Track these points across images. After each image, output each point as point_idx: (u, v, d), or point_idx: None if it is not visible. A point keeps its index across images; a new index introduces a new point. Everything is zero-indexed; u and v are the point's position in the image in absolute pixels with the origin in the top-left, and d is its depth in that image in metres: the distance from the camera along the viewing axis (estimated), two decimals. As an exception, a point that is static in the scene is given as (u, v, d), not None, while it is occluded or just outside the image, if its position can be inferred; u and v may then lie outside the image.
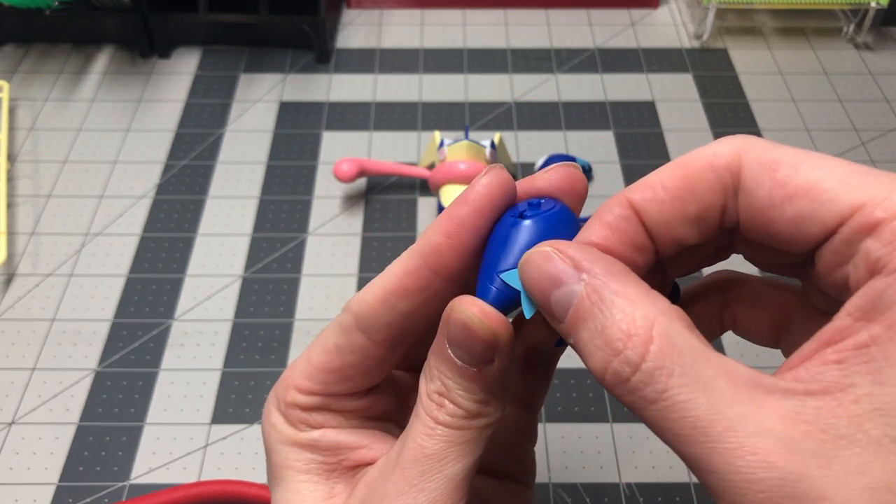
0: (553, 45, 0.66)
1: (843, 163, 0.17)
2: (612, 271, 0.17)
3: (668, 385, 0.16)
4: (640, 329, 0.16)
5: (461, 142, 0.50)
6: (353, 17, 0.69)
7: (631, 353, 0.16)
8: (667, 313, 0.16)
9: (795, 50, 0.66)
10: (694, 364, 0.16)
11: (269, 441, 0.22)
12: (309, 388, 0.22)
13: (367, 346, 0.21)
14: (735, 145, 0.18)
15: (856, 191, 0.16)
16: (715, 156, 0.18)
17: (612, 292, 0.17)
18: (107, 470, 0.41)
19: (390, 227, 0.52)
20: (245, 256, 0.50)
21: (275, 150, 0.57)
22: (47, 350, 0.46)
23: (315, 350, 0.22)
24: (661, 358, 0.16)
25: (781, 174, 0.17)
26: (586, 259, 0.18)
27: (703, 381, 0.15)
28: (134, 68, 0.64)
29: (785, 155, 0.18)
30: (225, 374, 0.45)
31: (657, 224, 0.19)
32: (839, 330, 0.16)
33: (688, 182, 0.19)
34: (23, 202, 0.54)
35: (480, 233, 0.20)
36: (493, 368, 0.19)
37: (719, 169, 0.18)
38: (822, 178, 0.17)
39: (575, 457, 0.41)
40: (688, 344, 0.16)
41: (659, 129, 0.59)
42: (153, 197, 0.54)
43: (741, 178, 0.18)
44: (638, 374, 0.16)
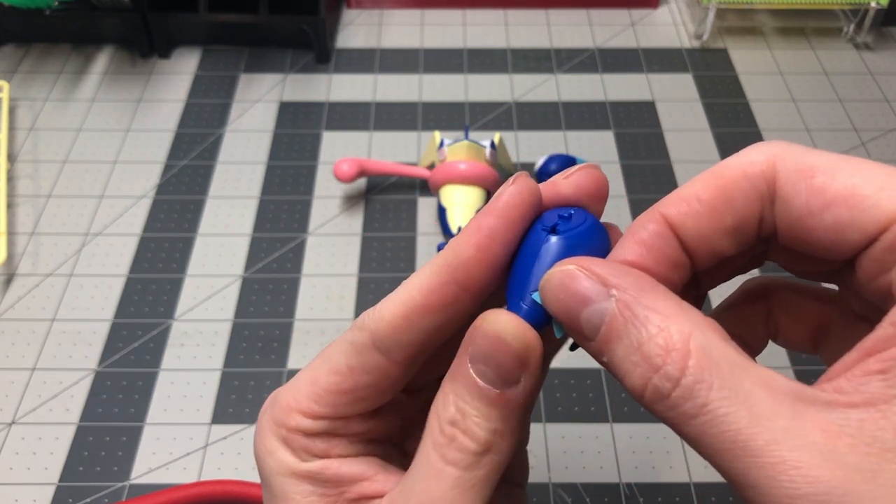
0: (553, 45, 0.66)
1: (882, 167, 0.17)
2: (642, 285, 0.17)
3: (709, 399, 0.15)
4: (677, 343, 0.16)
5: (461, 142, 0.50)
6: (353, 17, 0.69)
7: (671, 367, 0.16)
8: (701, 326, 0.16)
9: (795, 50, 0.66)
10: (732, 376, 0.15)
11: (267, 470, 0.21)
12: (316, 411, 0.20)
13: (383, 366, 0.20)
14: (769, 152, 0.18)
15: (894, 199, 0.16)
16: (749, 164, 0.18)
17: (645, 307, 0.16)
18: (107, 470, 0.41)
19: (390, 227, 0.52)
20: (245, 256, 0.50)
21: (275, 150, 0.57)
22: (47, 350, 0.46)
23: (322, 371, 0.20)
24: (700, 371, 0.15)
25: (819, 181, 0.17)
26: (613, 275, 0.17)
27: (742, 394, 0.15)
28: (134, 68, 0.64)
29: (821, 160, 0.17)
30: (225, 374, 0.45)
31: (694, 238, 0.19)
32: (883, 339, 0.15)
33: (724, 193, 0.18)
34: (23, 202, 0.54)
35: (510, 245, 0.19)
36: (517, 391, 0.18)
37: (755, 178, 0.18)
38: (861, 184, 0.16)
39: (575, 457, 0.41)
40: (725, 356, 0.16)
41: (659, 129, 0.59)
42: (153, 197, 0.54)
43: (777, 187, 0.18)
44: (678, 390, 0.16)
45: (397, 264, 0.50)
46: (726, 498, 0.40)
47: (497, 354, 0.18)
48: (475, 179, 0.50)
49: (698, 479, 0.40)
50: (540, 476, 0.41)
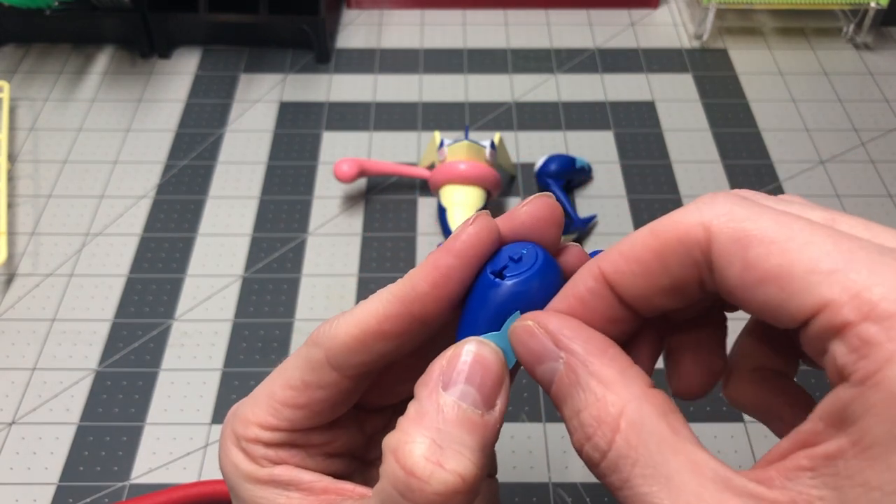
0: (553, 45, 0.66)
1: (827, 241, 0.16)
2: (590, 349, 0.17)
3: (631, 475, 0.16)
4: (609, 416, 0.16)
5: (461, 142, 0.50)
6: (353, 17, 0.69)
7: (599, 440, 0.16)
8: (639, 398, 0.16)
9: (795, 50, 0.66)
10: (659, 455, 0.16)
11: (231, 478, 0.21)
12: (273, 424, 0.21)
13: (337, 382, 0.20)
14: (707, 217, 0.17)
15: (826, 283, 0.15)
16: (686, 228, 0.17)
17: (589, 373, 0.17)
18: (107, 470, 0.41)
19: (390, 227, 0.52)
20: (245, 256, 0.50)
21: (275, 150, 0.57)
22: (47, 350, 0.46)
23: (277, 385, 0.21)
24: (626, 447, 0.16)
25: (752, 255, 0.16)
26: (565, 335, 0.18)
27: (665, 475, 0.15)
28: (134, 68, 0.64)
29: (761, 229, 0.16)
30: (225, 374, 0.45)
31: (632, 295, 0.19)
32: (812, 433, 0.15)
33: (659, 256, 0.18)
34: (23, 202, 0.54)
35: (465, 283, 0.20)
36: (494, 415, 0.18)
37: (689, 244, 0.17)
38: (794, 264, 0.15)
39: (575, 457, 0.41)
40: (656, 433, 0.16)
41: (659, 129, 0.59)
42: (153, 197, 0.54)
43: (712, 256, 0.17)
44: (605, 462, 0.16)
45: (397, 264, 0.50)
46: (726, 498, 0.40)
47: (481, 375, 0.18)
48: (475, 179, 0.50)
49: None
50: (540, 476, 0.41)
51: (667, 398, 0.17)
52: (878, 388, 0.14)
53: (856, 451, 0.14)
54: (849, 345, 0.15)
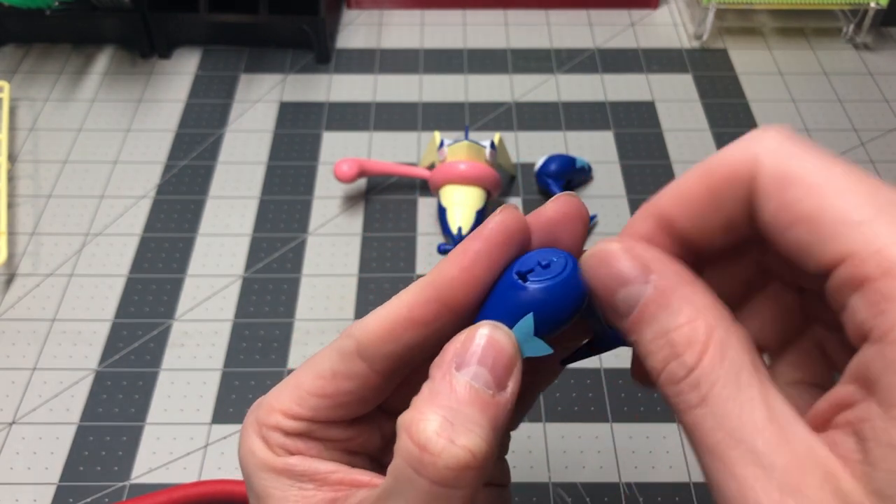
0: (553, 45, 0.66)
1: (861, 191, 0.16)
2: (681, 276, 0.18)
3: (710, 393, 0.16)
4: (701, 336, 0.16)
5: (461, 142, 0.50)
6: (353, 18, 0.69)
7: (688, 357, 0.16)
8: (727, 327, 0.17)
9: (795, 50, 0.66)
10: (738, 381, 0.16)
11: (248, 469, 0.22)
12: (296, 412, 0.21)
13: (366, 375, 0.21)
14: (756, 151, 0.17)
15: (853, 235, 0.15)
16: (736, 165, 0.18)
17: (680, 297, 0.17)
18: (107, 470, 0.41)
19: (390, 227, 0.52)
20: (245, 256, 0.50)
21: (275, 150, 0.57)
22: (48, 350, 0.46)
23: (307, 375, 0.21)
24: (711, 367, 0.16)
25: (790, 195, 0.17)
26: (655, 260, 0.18)
27: (742, 401, 0.16)
28: (134, 68, 0.64)
29: (802, 169, 0.17)
30: (225, 374, 0.45)
31: (688, 235, 0.19)
32: (846, 395, 0.16)
33: (712, 193, 0.18)
34: (23, 202, 0.54)
35: (493, 270, 0.20)
36: (505, 396, 0.19)
37: (738, 181, 0.18)
38: (826, 210, 0.16)
39: (575, 456, 0.41)
40: (739, 360, 0.16)
41: (659, 129, 0.59)
42: (153, 197, 0.54)
43: (754, 192, 0.17)
44: (688, 378, 0.16)
45: (397, 264, 0.50)
46: (726, 498, 0.40)
47: (493, 357, 0.19)
48: (475, 179, 0.50)
49: (698, 479, 0.40)
50: (540, 476, 0.41)
51: (748, 335, 0.17)
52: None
53: (881, 411, 0.14)
54: (867, 300, 0.15)
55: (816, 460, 0.15)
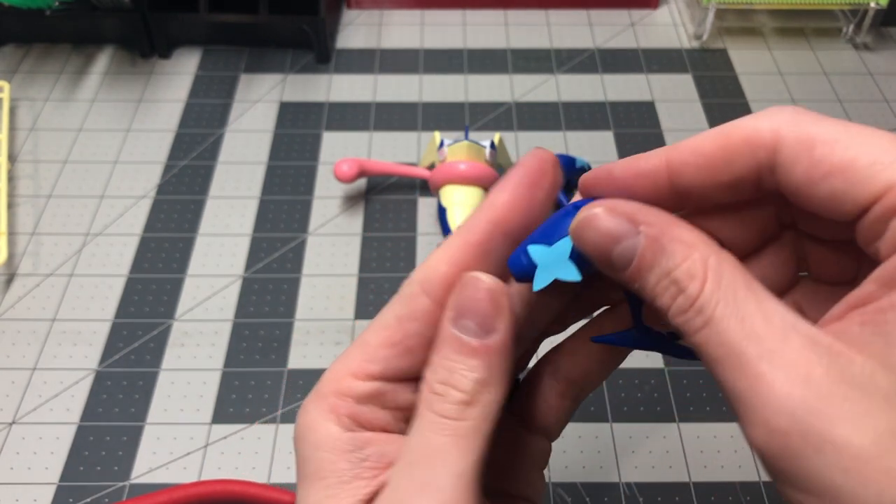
0: (553, 45, 0.67)
1: (880, 137, 0.18)
2: (666, 220, 0.19)
3: (714, 314, 0.18)
4: (699, 268, 0.18)
5: (461, 142, 0.50)
6: (353, 18, 0.69)
7: (692, 288, 0.18)
8: (717, 255, 0.19)
9: (795, 50, 0.66)
10: (737, 298, 0.18)
11: (303, 446, 0.21)
12: (368, 370, 0.21)
13: (430, 310, 0.21)
14: (775, 122, 0.20)
15: (888, 171, 0.17)
16: (755, 131, 0.20)
17: (672, 239, 0.19)
18: (107, 470, 0.41)
19: (390, 227, 0.52)
20: (245, 256, 0.50)
21: (275, 150, 0.57)
22: (48, 350, 0.46)
23: (371, 332, 0.21)
24: (712, 292, 0.18)
25: (818, 153, 0.18)
26: (640, 212, 0.19)
27: (742, 315, 0.17)
28: (134, 68, 0.64)
29: (823, 131, 0.19)
30: (225, 374, 0.45)
31: (689, 186, 0.21)
32: (865, 294, 0.18)
33: (726, 152, 0.20)
34: (23, 202, 0.54)
35: (537, 194, 0.22)
36: (496, 339, 0.20)
37: (756, 146, 0.19)
38: (858, 157, 0.18)
39: (575, 456, 0.41)
40: (734, 281, 0.18)
41: (658, 129, 0.59)
42: (153, 197, 0.54)
43: (779, 156, 0.19)
44: (693, 307, 0.18)
45: (397, 264, 0.50)
46: (726, 498, 0.40)
47: (475, 305, 0.20)
48: (475, 179, 0.50)
49: (698, 479, 0.40)
50: (540, 476, 0.41)
51: (735, 258, 0.19)
52: None
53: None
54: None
55: (821, 347, 0.17)
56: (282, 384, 0.44)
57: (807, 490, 0.16)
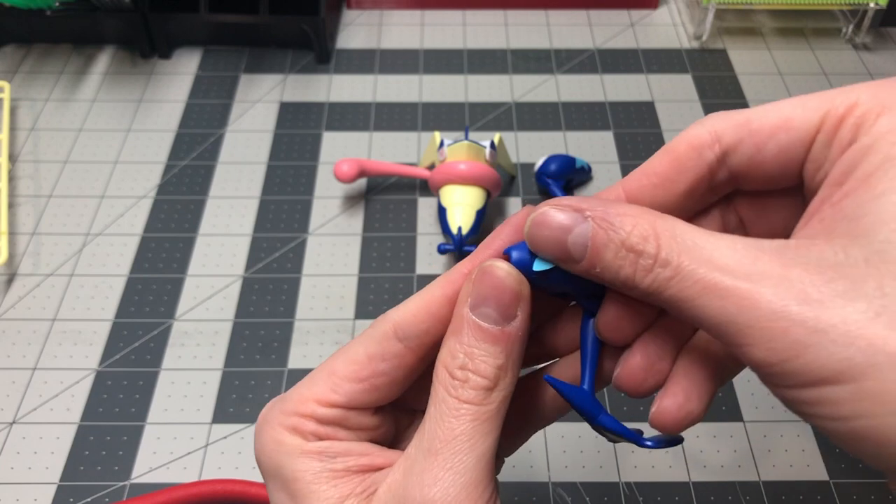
0: (553, 45, 0.67)
1: (796, 98, 0.21)
2: (608, 202, 0.21)
3: (680, 262, 0.19)
4: (648, 231, 0.19)
5: (461, 142, 0.50)
6: (353, 18, 0.69)
7: (649, 248, 0.19)
8: (662, 216, 0.20)
9: (794, 50, 0.66)
10: (695, 243, 0.19)
11: (275, 460, 0.22)
12: (332, 399, 0.22)
13: (401, 354, 0.22)
14: (710, 123, 0.21)
15: (818, 107, 0.20)
16: (696, 136, 0.21)
17: (616, 215, 0.20)
18: (107, 469, 0.41)
19: (390, 227, 0.52)
20: (245, 256, 0.51)
21: (275, 150, 0.57)
22: (48, 350, 0.46)
23: (339, 363, 0.22)
24: (670, 244, 0.19)
25: (755, 125, 0.21)
26: (584, 202, 0.21)
27: (706, 254, 0.19)
28: (134, 68, 0.64)
29: (752, 112, 0.21)
30: (225, 373, 0.45)
31: (649, 205, 0.22)
32: (819, 200, 0.19)
33: (675, 163, 0.22)
34: (24, 202, 0.54)
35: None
36: (515, 326, 0.21)
37: (701, 147, 0.21)
38: (787, 114, 0.20)
39: (575, 456, 0.41)
40: (687, 232, 0.19)
41: (658, 129, 0.59)
42: (154, 197, 0.54)
43: (724, 144, 0.21)
44: (658, 261, 0.19)
45: (397, 264, 0.50)
46: (726, 497, 0.40)
47: (499, 293, 0.21)
48: (475, 179, 0.50)
49: (697, 479, 0.40)
50: (540, 475, 0.41)
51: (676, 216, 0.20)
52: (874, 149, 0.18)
53: (857, 184, 0.18)
54: (847, 126, 0.19)
55: (790, 251, 0.18)
56: (282, 384, 0.44)
57: (818, 381, 0.17)
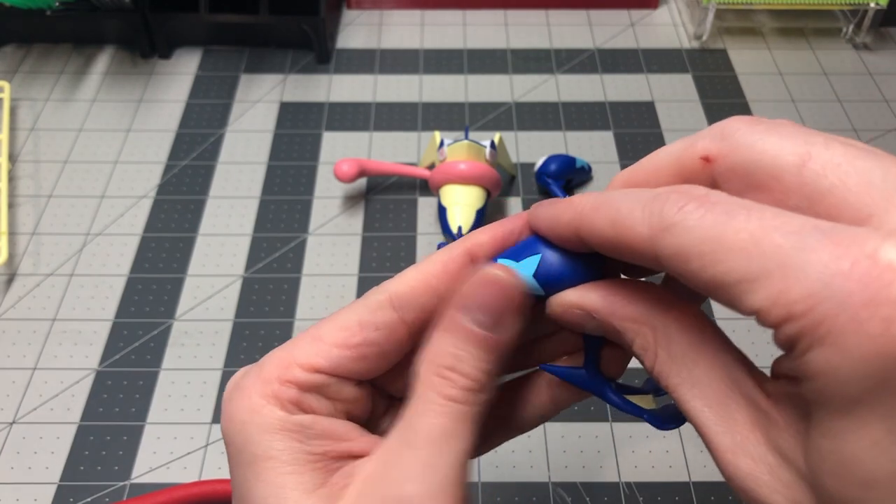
0: (553, 45, 0.67)
1: (739, 246, 0.16)
2: (612, 301, 0.21)
3: (669, 384, 0.20)
4: (647, 346, 0.20)
5: (461, 142, 0.50)
6: (353, 18, 0.69)
7: (648, 362, 0.20)
8: (665, 324, 0.20)
9: (795, 50, 0.66)
10: (686, 361, 0.20)
11: (247, 430, 0.20)
12: (317, 364, 0.21)
13: (394, 325, 0.22)
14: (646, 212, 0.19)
15: (760, 292, 0.16)
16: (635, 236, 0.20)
17: (621, 319, 0.21)
18: (107, 469, 0.41)
19: (390, 227, 0.52)
20: (245, 256, 0.51)
21: (275, 150, 0.57)
22: (48, 350, 0.46)
23: (328, 329, 0.22)
24: (665, 362, 0.20)
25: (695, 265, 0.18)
26: (587, 300, 0.21)
27: (694, 379, 0.19)
28: (134, 68, 0.64)
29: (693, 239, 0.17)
30: (225, 373, 0.45)
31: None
32: None
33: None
34: (24, 202, 0.54)
35: (514, 240, 0.23)
36: (504, 334, 0.21)
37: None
38: (725, 274, 0.16)
39: (575, 456, 0.41)
40: (684, 342, 0.20)
41: (658, 129, 0.59)
42: (154, 197, 0.54)
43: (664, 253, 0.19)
44: (654, 373, 0.20)
45: (397, 264, 0.50)
46: (726, 497, 0.40)
47: (494, 300, 0.21)
48: (475, 179, 0.50)
49: (698, 479, 0.40)
50: (540, 475, 0.41)
51: (689, 310, 0.20)
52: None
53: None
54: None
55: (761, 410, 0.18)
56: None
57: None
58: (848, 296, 0.15)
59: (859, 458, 0.15)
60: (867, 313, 0.15)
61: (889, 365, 0.15)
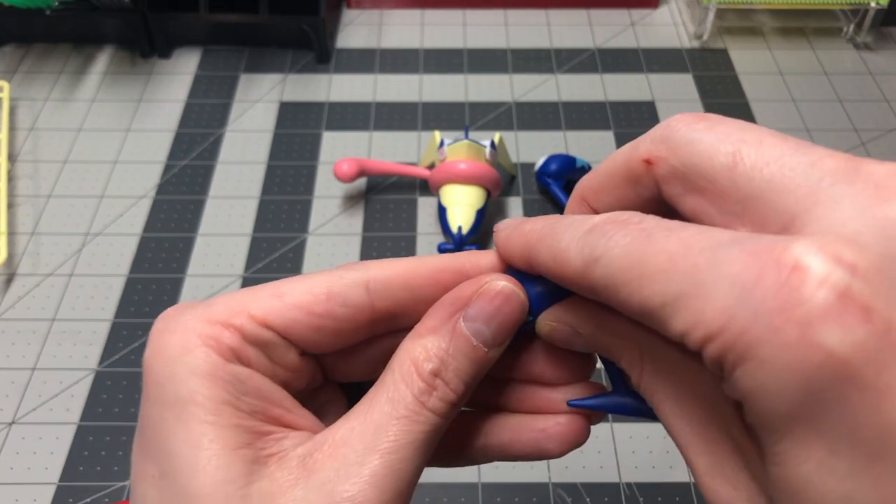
0: (553, 45, 0.66)
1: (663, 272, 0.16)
2: (595, 325, 0.20)
3: (653, 399, 0.19)
4: (636, 360, 0.19)
5: (461, 142, 0.50)
6: (353, 17, 0.69)
7: (634, 379, 0.20)
8: (646, 349, 0.19)
9: (795, 50, 0.66)
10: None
11: (172, 368, 0.19)
12: (270, 321, 0.19)
13: (362, 306, 0.20)
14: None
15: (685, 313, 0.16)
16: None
17: (605, 345, 0.20)
18: (107, 469, 0.41)
19: (390, 227, 0.52)
20: (245, 256, 0.50)
21: (275, 150, 0.57)
22: (47, 350, 0.46)
23: (293, 288, 0.20)
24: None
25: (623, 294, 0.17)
26: (573, 320, 0.21)
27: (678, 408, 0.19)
28: (134, 68, 0.64)
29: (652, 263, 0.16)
30: (225, 373, 0.45)
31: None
32: None
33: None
34: (23, 202, 0.54)
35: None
36: (495, 354, 0.20)
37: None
38: (652, 298, 0.16)
39: (575, 456, 0.41)
40: (655, 377, 0.19)
41: (659, 129, 0.59)
42: (153, 197, 0.54)
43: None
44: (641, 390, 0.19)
45: (397, 264, 0.50)
46: (726, 497, 0.40)
47: (502, 316, 0.20)
48: (475, 179, 0.50)
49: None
50: (540, 476, 0.41)
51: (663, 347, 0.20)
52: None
53: None
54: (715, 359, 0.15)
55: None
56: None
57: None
58: (760, 304, 0.14)
59: (810, 483, 0.14)
60: (781, 320, 0.13)
61: (811, 373, 0.13)
